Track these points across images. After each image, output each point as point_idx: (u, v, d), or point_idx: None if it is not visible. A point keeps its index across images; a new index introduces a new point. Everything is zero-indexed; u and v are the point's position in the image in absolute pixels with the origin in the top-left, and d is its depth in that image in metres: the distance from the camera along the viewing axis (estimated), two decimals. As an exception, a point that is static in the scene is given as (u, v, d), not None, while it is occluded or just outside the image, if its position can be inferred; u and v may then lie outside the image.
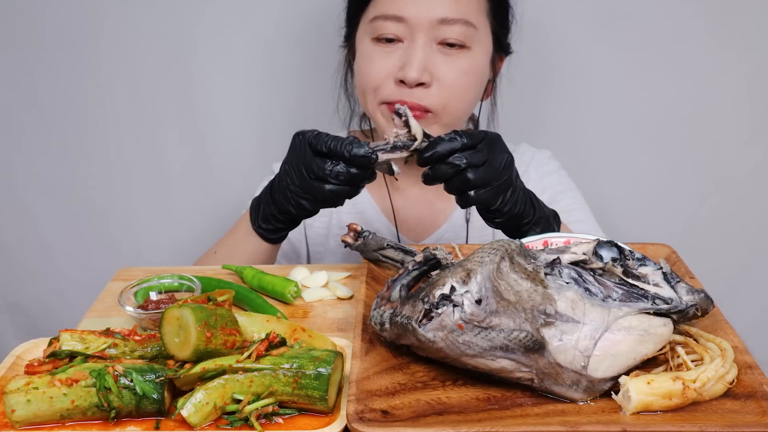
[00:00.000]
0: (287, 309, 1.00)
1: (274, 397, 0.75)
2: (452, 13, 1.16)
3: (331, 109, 1.41)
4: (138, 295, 0.98)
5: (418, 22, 1.16)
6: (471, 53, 1.19)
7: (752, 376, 0.77)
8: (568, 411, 0.75)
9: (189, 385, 0.75)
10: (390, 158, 0.97)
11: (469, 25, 1.17)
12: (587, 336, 0.75)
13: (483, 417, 0.73)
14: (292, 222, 1.11)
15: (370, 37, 1.21)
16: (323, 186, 0.98)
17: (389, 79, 1.19)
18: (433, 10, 1.16)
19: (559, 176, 1.38)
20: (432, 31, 1.16)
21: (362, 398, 0.73)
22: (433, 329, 0.75)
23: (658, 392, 0.72)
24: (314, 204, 1.04)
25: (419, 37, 1.16)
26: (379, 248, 0.97)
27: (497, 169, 0.98)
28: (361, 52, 1.23)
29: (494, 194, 0.99)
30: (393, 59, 1.18)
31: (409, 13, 1.16)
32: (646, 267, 0.83)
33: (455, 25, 1.16)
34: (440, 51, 1.18)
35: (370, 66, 1.21)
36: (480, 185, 0.97)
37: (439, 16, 1.15)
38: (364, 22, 1.23)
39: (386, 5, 1.18)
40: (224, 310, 0.80)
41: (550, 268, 0.81)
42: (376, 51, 1.20)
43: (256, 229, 1.12)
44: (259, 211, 1.12)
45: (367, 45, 1.22)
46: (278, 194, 1.06)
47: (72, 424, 0.74)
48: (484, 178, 0.96)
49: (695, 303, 0.81)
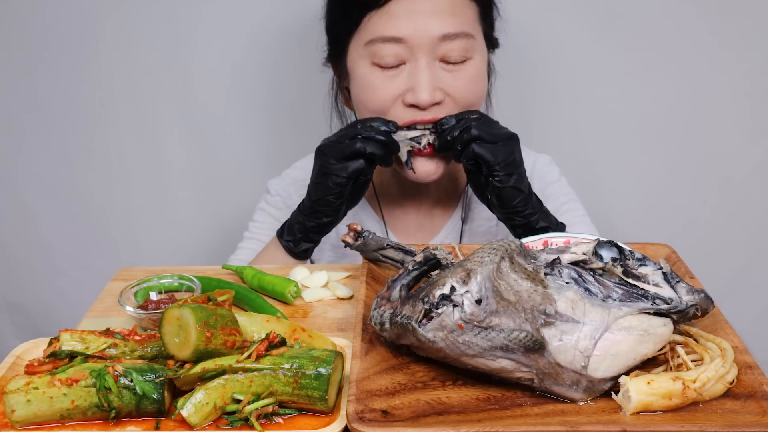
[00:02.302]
0: (287, 309, 1.00)
1: (274, 397, 0.75)
2: (452, 27, 1.12)
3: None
4: (138, 295, 0.98)
5: (419, 41, 1.12)
6: (473, 62, 1.17)
7: (752, 376, 0.77)
8: (568, 411, 0.75)
9: (189, 385, 0.75)
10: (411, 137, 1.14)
11: (469, 36, 1.14)
12: (587, 336, 0.75)
13: (483, 417, 0.73)
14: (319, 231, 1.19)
15: (369, 62, 1.15)
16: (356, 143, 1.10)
17: (397, 103, 1.15)
18: (432, 27, 1.11)
19: (561, 186, 1.38)
20: (433, 50, 1.13)
21: (362, 398, 0.73)
22: (433, 329, 0.75)
23: (658, 392, 0.72)
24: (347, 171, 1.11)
25: (421, 57, 1.12)
26: (379, 248, 0.97)
27: (499, 134, 1.11)
28: (360, 78, 1.18)
29: (493, 152, 1.09)
30: (398, 83, 1.14)
31: (408, 33, 1.11)
32: (646, 267, 0.83)
33: (456, 40, 1.13)
34: (443, 68, 1.15)
35: (373, 93, 1.16)
36: (484, 140, 1.09)
37: (439, 33, 1.11)
38: (357, 45, 1.17)
39: (381, 27, 1.13)
40: (224, 310, 0.80)
41: (550, 268, 0.81)
42: (377, 77, 1.15)
43: (285, 243, 1.20)
44: (285, 227, 1.20)
45: (365, 70, 1.16)
46: (312, 189, 1.15)
47: (72, 424, 0.74)
48: (487, 133, 1.09)
49: (695, 303, 0.81)
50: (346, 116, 1.36)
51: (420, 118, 1.15)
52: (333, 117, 1.36)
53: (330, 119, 1.35)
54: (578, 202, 1.37)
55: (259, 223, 1.37)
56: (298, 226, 1.18)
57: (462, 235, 1.35)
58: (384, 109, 1.16)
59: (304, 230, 1.18)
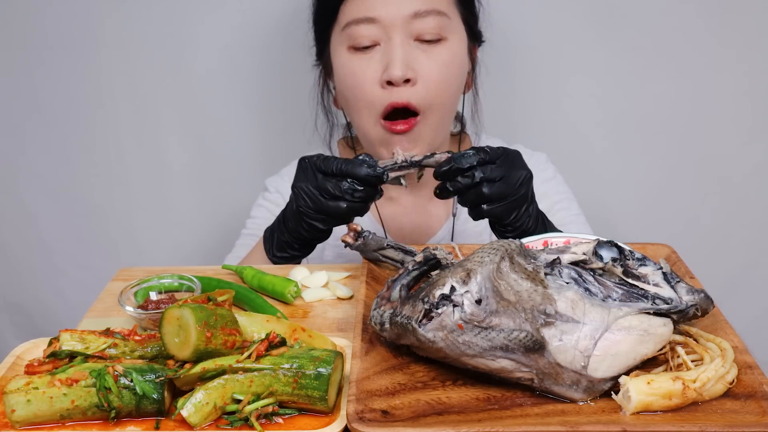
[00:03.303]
0: (287, 309, 1.00)
1: (274, 397, 0.75)
2: (423, 5, 1.15)
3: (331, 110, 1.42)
4: (138, 295, 0.98)
5: (391, 20, 1.15)
6: (448, 44, 1.19)
7: (752, 376, 0.77)
8: (568, 411, 0.75)
9: (189, 385, 0.75)
10: (398, 175, 1.03)
11: (442, 14, 1.17)
12: (587, 336, 0.75)
13: (483, 417, 0.73)
14: (307, 247, 1.13)
15: (346, 46, 1.19)
16: (339, 204, 1.02)
17: (375, 85, 1.17)
18: (404, 5, 1.15)
19: (556, 184, 1.38)
20: (406, 28, 1.15)
21: (362, 398, 0.73)
22: (433, 329, 0.75)
23: (658, 392, 0.72)
24: (327, 223, 1.06)
25: (395, 35, 1.15)
26: (379, 248, 0.98)
27: (513, 185, 1.01)
28: (340, 64, 1.21)
29: (508, 209, 1.02)
30: (374, 64, 1.17)
31: (380, 12, 1.15)
32: (646, 267, 0.84)
33: (428, 17, 1.15)
34: (418, 47, 1.17)
35: (353, 77, 1.19)
36: (494, 199, 1.00)
37: (410, 10, 1.15)
38: (336, 32, 1.21)
39: (355, 9, 1.17)
40: (224, 310, 0.80)
41: (550, 268, 0.81)
42: (354, 60, 1.18)
43: (271, 258, 1.14)
44: (273, 240, 1.14)
45: (344, 56, 1.20)
46: (290, 220, 1.08)
47: (72, 424, 0.74)
48: (499, 193, 1.00)
49: (695, 303, 0.81)
50: (333, 115, 1.38)
51: (395, 101, 1.16)
52: (318, 114, 1.37)
53: (315, 117, 1.37)
54: (573, 201, 1.36)
55: (257, 219, 1.37)
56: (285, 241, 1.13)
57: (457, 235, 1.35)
58: (363, 94, 1.18)
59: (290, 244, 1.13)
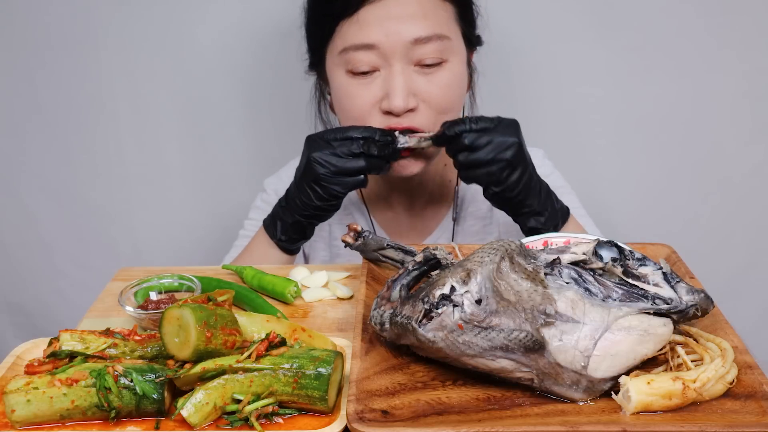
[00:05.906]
0: (287, 309, 1.00)
1: (274, 397, 0.75)
2: (424, 31, 1.10)
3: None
4: (138, 295, 0.98)
5: (391, 47, 1.10)
6: (449, 65, 1.14)
7: (752, 376, 0.77)
8: (568, 411, 0.75)
9: (189, 385, 0.75)
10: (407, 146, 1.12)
11: (443, 38, 1.12)
12: (587, 336, 0.75)
13: (483, 417, 0.73)
14: (317, 218, 1.15)
15: (344, 69, 1.15)
16: (359, 161, 1.08)
17: (374, 110, 1.14)
18: (404, 32, 1.09)
19: (555, 179, 1.37)
20: (407, 54, 1.11)
21: (362, 398, 0.73)
22: (433, 329, 0.75)
23: (658, 392, 0.72)
24: (346, 186, 1.09)
25: (395, 63, 1.11)
26: (379, 248, 0.97)
27: (499, 149, 1.05)
28: (338, 86, 1.17)
29: (494, 174, 1.06)
30: (373, 89, 1.13)
31: (379, 39, 1.10)
32: (646, 267, 0.83)
33: (429, 43, 1.11)
34: (418, 72, 1.13)
35: (351, 102, 1.15)
36: (481, 164, 1.06)
37: (411, 37, 1.10)
38: (332, 53, 1.16)
39: (353, 35, 1.12)
40: (224, 310, 0.80)
41: (550, 268, 0.81)
42: (353, 85, 1.14)
43: (277, 242, 1.16)
44: (277, 225, 1.16)
45: (341, 78, 1.16)
46: (299, 197, 1.11)
47: (72, 424, 0.74)
48: (484, 157, 1.05)
49: (695, 303, 0.81)
50: (330, 123, 1.36)
51: (394, 126, 1.13)
52: (317, 124, 1.36)
53: (314, 117, 1.36)
54: (573, 195, 1.36)
55: (255, 221, 1.37)
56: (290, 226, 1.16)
57: (454, 235, 1.35)
58: (362, 117, 1.15)
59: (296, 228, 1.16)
